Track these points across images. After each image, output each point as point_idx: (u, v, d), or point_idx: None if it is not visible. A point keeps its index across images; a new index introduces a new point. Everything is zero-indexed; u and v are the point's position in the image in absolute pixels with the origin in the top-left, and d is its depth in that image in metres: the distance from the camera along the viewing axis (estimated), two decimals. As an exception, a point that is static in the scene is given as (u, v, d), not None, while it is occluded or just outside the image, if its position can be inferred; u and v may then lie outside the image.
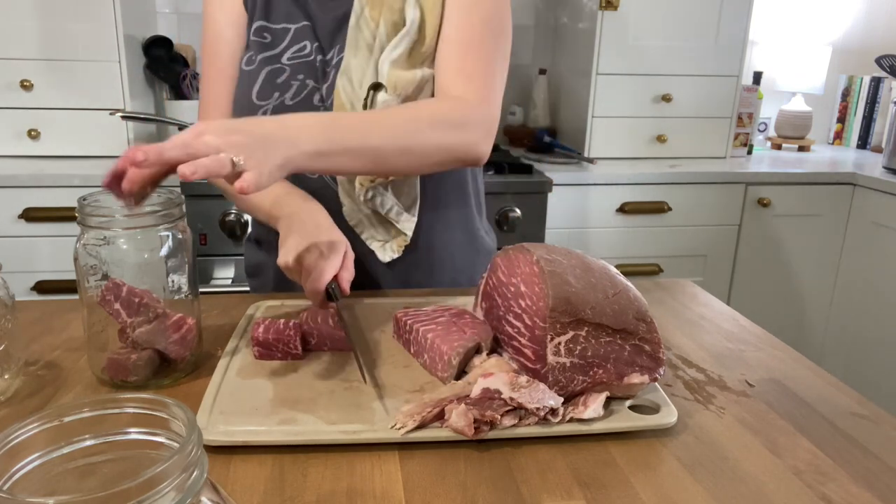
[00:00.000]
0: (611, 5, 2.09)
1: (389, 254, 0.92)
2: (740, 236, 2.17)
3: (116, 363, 0.65)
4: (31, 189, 1.79)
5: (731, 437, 0.59)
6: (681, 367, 0.73)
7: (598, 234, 2.08)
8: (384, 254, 0.92)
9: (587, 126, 2.21)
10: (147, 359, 0.66)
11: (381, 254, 0.92)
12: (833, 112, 2.77)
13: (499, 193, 1.93)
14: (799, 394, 0.68)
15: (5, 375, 0.64)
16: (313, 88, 0.88)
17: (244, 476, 0.53)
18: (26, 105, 1.91)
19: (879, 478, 0.54)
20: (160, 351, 0.67)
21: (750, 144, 2.42)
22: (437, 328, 0.68)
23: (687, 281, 1.00)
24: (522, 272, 0.64)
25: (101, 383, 0.67)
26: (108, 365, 0.66)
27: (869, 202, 2.11)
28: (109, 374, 0.66)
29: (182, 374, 0.68)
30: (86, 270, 0.64)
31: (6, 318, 0.64)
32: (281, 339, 0.68)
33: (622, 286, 0.63)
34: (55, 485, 0.30)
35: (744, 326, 0.84)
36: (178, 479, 0.27)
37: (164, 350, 0.67)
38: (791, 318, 2.28)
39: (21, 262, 1.85)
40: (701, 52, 2.19)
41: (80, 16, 1.88)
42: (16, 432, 0.30)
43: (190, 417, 0.30)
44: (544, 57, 2.59)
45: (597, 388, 0.60)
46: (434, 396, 0.59)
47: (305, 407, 0.60)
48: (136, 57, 2.05)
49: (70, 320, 0.82)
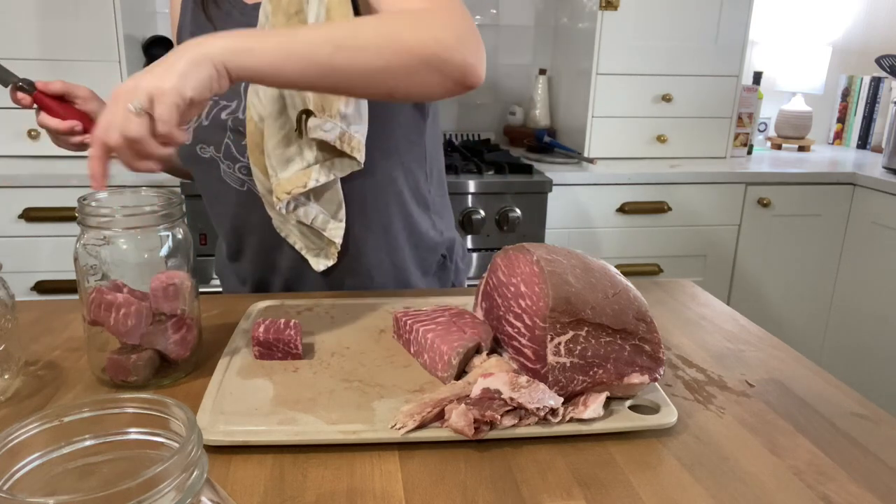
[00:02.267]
0: (611, 5, 2.09)
1: (323, 262, 0.90)
2: (740, 236, 2.17)
3: (116, 363, 0.65)
4: (31, 189, 1.79)
5: (731, 437, 0.59)
6: (681, 367, 0.73)
7: (598, 234, 2.08)
8: (317, 263, 0.90)
9: (587, 126, 2.21)
10: (147, 359, 0.66)
11: (315, 263, 0.90)
12: (833, 112, 2.77)
13: (499, 193, 1.93)
14: (799, 394, 0.68)
15: (5, 375, 0.64)
16: (224, 106, 0.87)
17: (244, 476, 0.53)
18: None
19: (879, 478, 0.54)
20: (160, 351, 0.67)
21: (750, 144, 2.42)
22: (437, 328, 0.68)
23: (687, 281, 1.00)
24: (522, 272, 0.64)
25: (101, 383, 0.67)
26: (108, 365, 0.66)
27: (869, 202, 2.11)
28: (109, 374, 0.66)
29: (182, 374, 0.68)
30: (86, 270, 0.64)
31: (6, 318, 0.64)
32: (281, 339, 0.68)
33: (622, 286, 0.63)
34: (55, 485, 0.30)
35: (744, 326, 0.84)
36: (178, 479, 0.27)
37: (165, 350, 0.67)
38: (791, 318, 2.28)
39: (21, 262, 1.85)
40: (701, 52, 2.19)
41: (80, 16, 1.88)
42: (16, 432, 0.30)
43: (190, 417, 0.30)
44: (544, 57, 2.59)
45: (597, 388, 0.60)
46: (434, 396, 0.59)
47: (305, 407, 0.60)
48: (136, 57, 2.05)
49: (70, 320, 0.82)
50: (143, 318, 0.65)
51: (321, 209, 0.87)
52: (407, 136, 0.92)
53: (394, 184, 0.93)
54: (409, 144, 0.93)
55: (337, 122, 0.79)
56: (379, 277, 0.96)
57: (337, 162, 0.83)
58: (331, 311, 0.82)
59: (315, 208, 0.86)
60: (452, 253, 1.05)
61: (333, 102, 0.79)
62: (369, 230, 0.93)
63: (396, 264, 0.96)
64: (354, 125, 0.81)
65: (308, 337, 0.75)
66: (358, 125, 0.82)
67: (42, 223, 1.83)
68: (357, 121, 0.81)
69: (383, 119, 0.87)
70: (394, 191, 0.93)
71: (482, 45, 0.73)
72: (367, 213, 0.92)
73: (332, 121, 0.79)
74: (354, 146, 0.81)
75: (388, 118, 0.88)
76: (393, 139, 0.90)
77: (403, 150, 0.92)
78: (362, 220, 0.91)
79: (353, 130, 0.81)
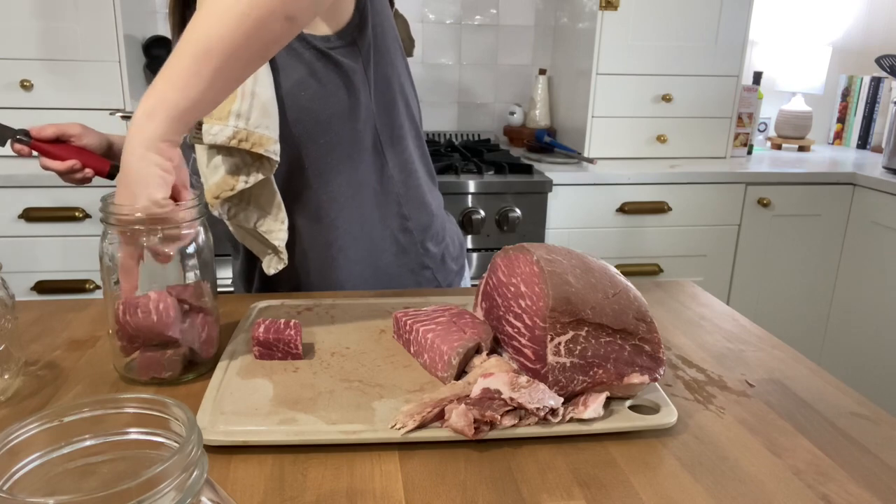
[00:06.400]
0: (611, 5, 2.09)
1: (275, 266, 0.88)
2: (740, 236, 2.17)
3: (150, 360, 0.66)
4: (31, 189, 1.79)
5: (731, 437, 0.59)
6: (681, 367, 0.73)
7: (598, 234, 2.08)
8: (268, 265, 0.89)
9: (587, 126, 2.21)
10: (182, 354, 0.67)
11: (266, 265, 0.89)
12: (833, 112, 2.77)
13: (499, 193, 1.94)
14: (799, 394, 0.68)
15: (5, 375, 0.64)
16: None
17: (244, 476, 0.53)
18: (26, 105, 1.91)
19: (879, 478, 0.54)
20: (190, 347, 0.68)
21: (750, 144, 2.42)
22: (437, 328, 0.68)
23: (687, 281, 1.00)
24: (522, 272, 0.64)
25: (127, 382, 0.67)
26: (140, 362, 0.66)
27: (869, 202, 2.11)
28: (141, 371, 0.66)
29: (204, 370, 0.69)
30: (111, 268, 0.64)
31: (6, 318, 0.64)
32: (281, 339, 0.68)
33: (622, 286, 0.63)
34: (55, 485, 0.30)
35: (744, 326, 0.84)
36: (178, 479, 0.27)
37: (197, 349, 0.68)
38: (791, 318, 2.28)
39: (21, 262, 1.85)
40: (701, 52, 2.19)
41: (80, 16, 1.88)
42: (16, 432, 0.30)
43: (190, 417, 0.30)
44: (544, 57, 2.59)
45: (597, 388, 0.60)
46: (434, 396, 0.60)
47: (305, 407, 0.60)
48: (136, 57, 2.05)
49: (70, 320, 0.82)
50: (178, 311, 0.66)
51: (261, 212, 0.86)
52: (343, 122, 0.88)
53: (338, 175, 0.90)
54: (348, 131, 0.88)
55: (228, 123, 0.78)
56: (339, 274, 0.94)
57: (264, 162, 0.82)
58: (331, 311, 0.82)
59: (255, 212, 0.85)
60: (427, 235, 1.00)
61: (223, 106, 0.77)
62: (315, 226, 0.91)
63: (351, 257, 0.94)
64: (255, 120, 0.79)
65: (308, 337, 0.75)
66: (260, 119, 0.79)
67: (42, 223, 1.83)
68: (258, 115, 0.79)
69: (310, 110, 0.85)
70: (339, 182, 0.90)
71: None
72: (311, 209, 0.90)
73: (221, 123, 0.77)
74: (255, 142, 0.79)
75: (317, 108, 0.85)
76: (328, 128, 0.87)
77: (343, 138, 0.88)
78: (307, 216, 0.90)
79: (251, 126, 0.78)
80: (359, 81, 0.87)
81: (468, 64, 2.56)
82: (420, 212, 0.98)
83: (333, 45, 0.84)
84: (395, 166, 0.94)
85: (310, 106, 0.85)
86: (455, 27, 2.52)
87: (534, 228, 1.98)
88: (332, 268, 0.94)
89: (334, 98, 0.86)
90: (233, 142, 0.78)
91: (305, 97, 0.84)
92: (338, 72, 0.85)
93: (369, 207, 0.93)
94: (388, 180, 0.94)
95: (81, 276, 1.89)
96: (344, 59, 0.85)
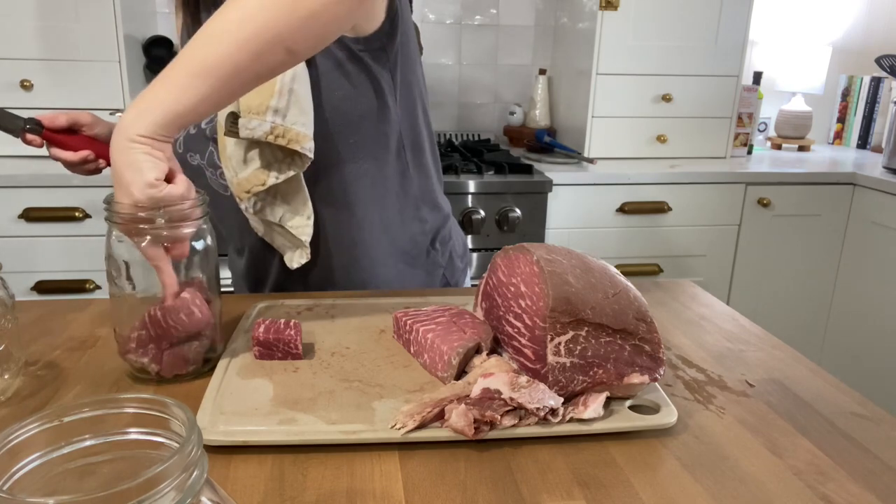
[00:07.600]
0: (611, 5, 2.09)
1: (298, 260, 0.88)
2: (740, 236, 2.17)
3: (178, 354, 0.66)
4: (31, 189, 1.79)
5: (731, 437, 0.59)
6: (681, 367, 0.73)
7: (598, 234, 2.08)
8: (291, 260, 0.89)
9: (587, 126, 2.21)
10: (205, 346, 0.68)
11: (289, 260, 0.89)
12: (833, 112, 2.77)
13: (499, 193, 1.94)
14: (799, 394, 0.68)
15: (5, 375, 0.64)
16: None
17: (244, 476, 0.53)
18: (26, 105, 1.91)
19: (879, 478, 0.54)
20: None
21: (750, 144, 2.42)
22: (437, 328, 0.68)
23: (687, 281, 1.00)
24: (522, 272, 0.64)
25: (139, 382, 0.67)
26: (166, 360, 0.66)
27: (869, 202, 2.11)
28: (165, 370, 0.66)
29: (209, 367, 0.69)
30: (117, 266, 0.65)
31: (6, 318, 0.64)
32: (281, 339, 0.68)
33: (622, 286, 0.63)
34: (55, 485, 0.30)
35: (744, 326, 0.84)
36: (178, 479, 0.27)
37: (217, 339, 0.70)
38: (791, 318, 2.28)
39: (21, 262, 1.85)
40: (701, 52, 2.19)
41: (80, 16, 1.88)
42: (16, 432, 0.30)
43: (190, 417, 0.30)
44: (544, 57, 2.59)
45: (597, 388, 0.60)
46: (434, 396, 0.59)
47: (305, 407, 0.60)
48: (136, 57, 2.05)
49: (70, 320, 0.82)
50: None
51: (287, 207, 0.86)
52: (372, 123, 0.89)
53: (364, 175, 0.90)
54: (375, 133, 0.89)
55: (266, 119, 0.78)
56: (357, 274, 0.94)
57: (297, 159, 0.82)
58: (331, 311, 0.82)
59: (281, 207, 0.86)
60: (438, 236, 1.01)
61: (261, 100, 0.78)
62: (340, 224, 0.91)
63: (374, 257, 0.95)
64: (292, 117, 0.79)
65: (308, 337, 0.75)
66: (297, 116, 0.79)
67: (42, 223, 1.83)
68: (295, 112, 0.79)
69: (341, 110, 0.85)
70: (364, 183, 0.91)
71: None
72: (336, 207, 0.90)
73: (259, 118, 0.78)
74: (291, 138, 0.79)
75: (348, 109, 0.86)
76: (357, 128, 0.88)
77: (370, 139, 0.89)
78: (332, 214, 0.91)
79: (288, 123, 0.79)
80: (386, 85, 0.88)
81: (468, 64, 2.56)
82: (434, 214, 1.00)
83: (364, 49, 0.85)
84: (415, 169, 0.96)
85: (341, 105, 0.86)
86: (455, 27, 2.52)
87: (534, 228, 1.98)
88: (357, 268, 0.95)
89: (364, 99, 0.87)
90: (269, 137, 0.78)
91: (338, 96, 0.85)
92: (367, 74, 0.86)
93: (392, 209, 0.94)
94: (409, 182, 0.95)
95: (81, 276, 1.89)
96: (373, 62, 0.86)
